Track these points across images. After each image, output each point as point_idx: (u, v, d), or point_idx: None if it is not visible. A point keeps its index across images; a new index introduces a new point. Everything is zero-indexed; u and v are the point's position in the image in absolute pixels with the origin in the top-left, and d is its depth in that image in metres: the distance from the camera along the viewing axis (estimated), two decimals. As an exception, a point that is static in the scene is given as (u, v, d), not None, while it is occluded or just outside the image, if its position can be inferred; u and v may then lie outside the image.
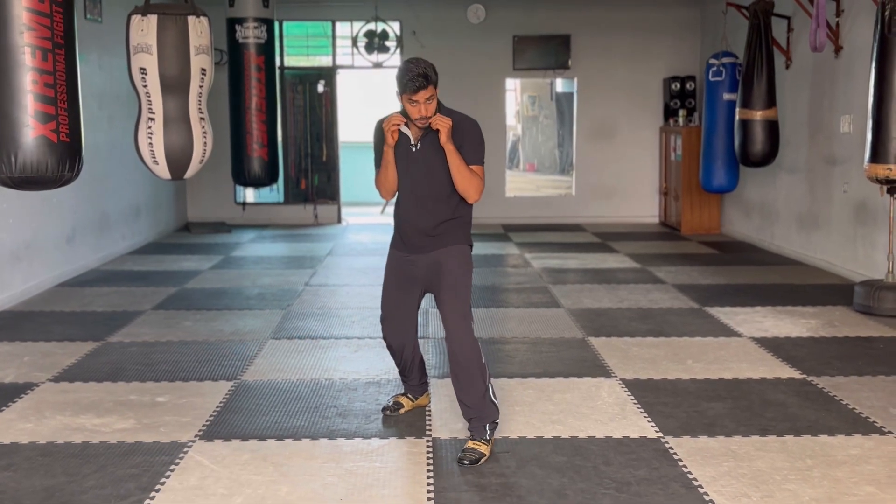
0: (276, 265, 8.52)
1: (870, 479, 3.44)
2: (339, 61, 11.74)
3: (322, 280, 7.72)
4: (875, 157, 5.85)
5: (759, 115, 7.96)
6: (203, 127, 4.90)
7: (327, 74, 11.71)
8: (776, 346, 5.38)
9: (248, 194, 11.72)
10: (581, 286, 7.31)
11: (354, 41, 11.48)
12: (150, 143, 4.79)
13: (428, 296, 3.99)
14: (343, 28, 11.59)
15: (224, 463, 3.62)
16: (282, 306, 6.61)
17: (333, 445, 3.82)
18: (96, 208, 8.34)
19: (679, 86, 11.21)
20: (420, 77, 3.54)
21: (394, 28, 11.47)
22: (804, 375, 4.80)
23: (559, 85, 14.63)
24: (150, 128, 4.78)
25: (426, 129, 3.70)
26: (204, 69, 4.81)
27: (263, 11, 7.22)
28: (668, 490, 3.34)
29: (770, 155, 8.08)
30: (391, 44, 11.43)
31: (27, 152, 3.98)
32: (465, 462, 3.58)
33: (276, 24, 7.82)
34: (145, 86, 4.71)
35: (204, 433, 3.95)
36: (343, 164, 11.94)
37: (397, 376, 4.53)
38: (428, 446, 3.80)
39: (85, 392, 4.55)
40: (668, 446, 3.78)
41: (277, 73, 7.75)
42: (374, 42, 11.40)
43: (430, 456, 3.70)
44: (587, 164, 11.79)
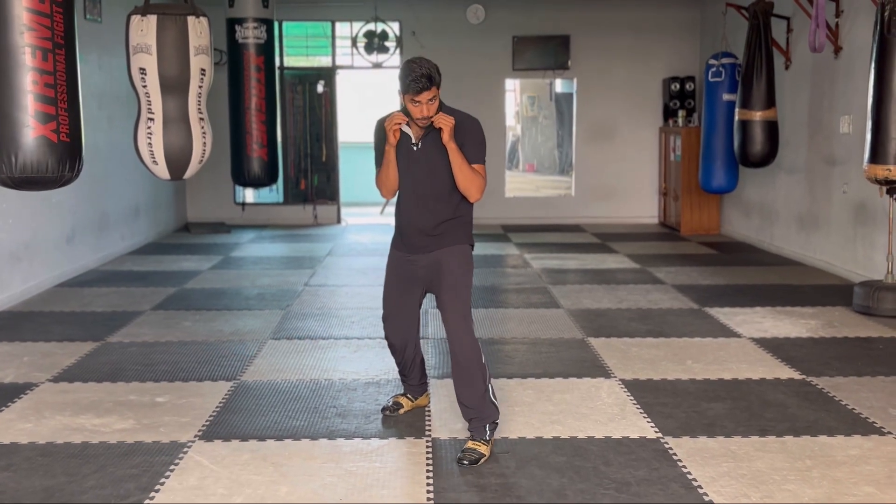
0: (275, 265, 8.52)
1: (869, 479, 3.44)
2: (338, 62, 11.74)
3: (321, 280, 7.72)
4: (874, 158, 5.85)
5: (758, 115, 7.96)
6: (202, 127, 4.91)
7: (327, 75, 11.71)
8: (776, 347, 5.38)
9: (248, 194, 11.72)
10: (580, 287, 7.32)
11: (354, 41, 11.48)
12: (150, 144, 4.80)
13: (428, 296, 3.99)
14: (343, 28, 11.59)
15: (224, 463, 3.62)
16: (281, 307, 6.61)
17: (333, 446, 3.82)
18: (96, 208, 8.34)
19: (678, 86, 11.21)
20: (423, 78, 3.53)
21: (393, 28, 11.47)
22: (804, 376, 4.80)
23: (558, 85, 14.64)
24: (149, 128, 4.78)
25: (428, 128, 3.69)
26: (203, 69, 4.81)
27: (263, 12, 7.22)
28: (667, 490, 3.34)
29: (769, 155, 8.08)
30: (391, 44, 11.43)
31: (27, 152, 3.98)
32: (465, 462, 3.58)
33: (275, 25, 7.82)
34: (145, 86, 4.71)
35: (203, 433, 3.95)
36: (342, 165, 11.94)
37: (397, 377, 4.53)
38: (427, 447, 3.81)
39: (84, 392, 4.55)
40: (667, 447, 3.78)
41: (277, 73, 7.76)
42: (374, 42, 11.40)
43: (430, 456, 3.70)
44: (587, 164, 11.79)
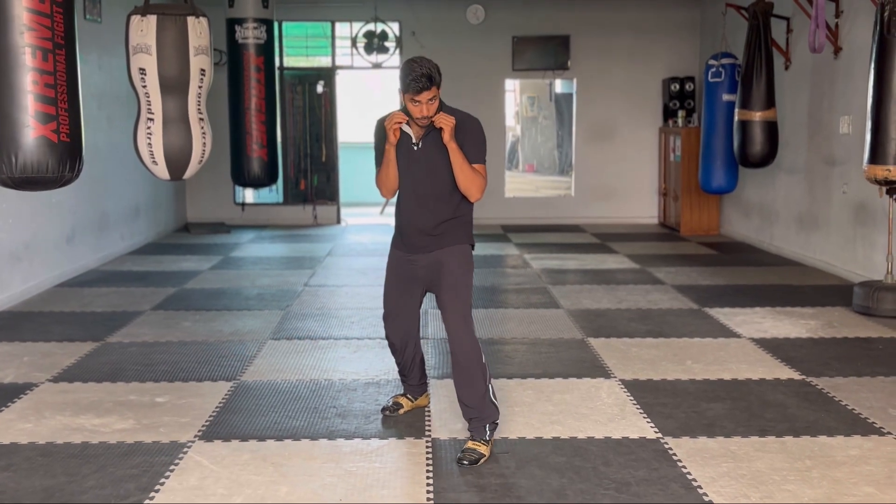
0: (275, 266, 8.52)
1: (869, 479, 3.44)
2: (338, 62, 11.74)
3: (321, 280, 7.72)
4: (874, 158, 5.85)
5: (758, 115, 7.96)
6: (202, 127, 4.91)
7: (326, 75, 11.71)
8: (775, 347, 5.38)
9: (248, 195, 11.72)
10: (580, 287, 7.32)
11: (354, 42, 11.48)
12: (150, 144, 4.80)
13: (429, 295, 3.99)
14: (342, 28, 11.59)
15: (223, 463, 3.62)
16: (281, 307, 6.61)
17: (333, 446, 3.82)
18: (96, 208, 8.34)
19: (678, 86, 11.21)
20: (424, 78, 3.53)
21: (393, 29, 11.47)
22: (803, 376, 4.80)
23: (558, 86, 14.64)
24: (149, 128, 4.78)
25: (428, 128, 3.69)
26: (203, 69, 4.81)
27: (263, 12, 7.23)
28: (667, 491, 3.34)
29: (769, 156, 8.08)
30: (390, 44, 11.43)
31: (28, 153, 3.98)
32: (465, 462, 3.58)
33: (275, 25, 7.83)
34: (144, 86, 4.72)
35: (203, 433, 3.95)
36: (342, 165, 11.94)
37: (397, 377, 4.53)
38: (427, 447, 3.81)
39: (84, 392, 4.55)
40: (667, 447, 3.78)
41: (277, 73, 7.76)
42: (374, 43, 11.40)
43: (430, 456, 3.70)
44: (586, 164, 11.79)
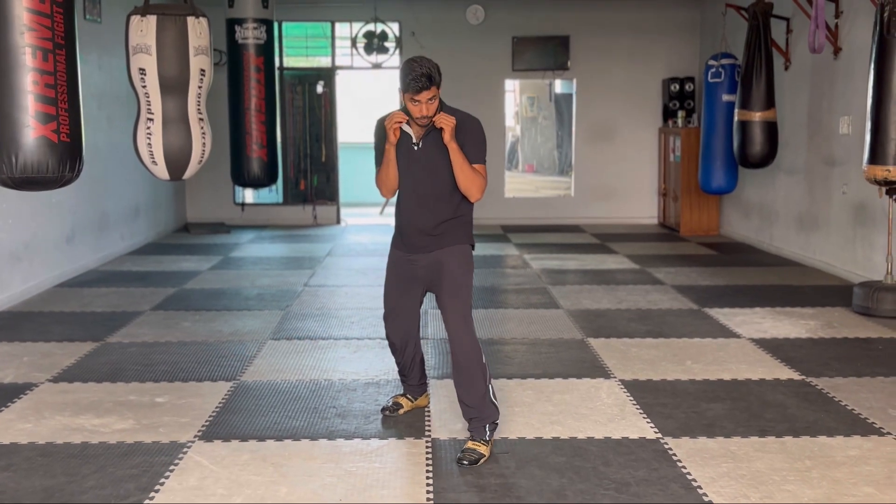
0: (275, 266, 8.52)
1: (868, 479, 3.45)
2: (338, 62, 11.74)
3: (321, 281, 7.72)
4: (874, 159, 5.86)
5: (758, 116, 7.96)
6: (202, 127, 4.91)
7: (326, 75, 11.71)
8: (775, 347, 5.38)
9: (248, 195, 11.72)
10: (580, 287, 7.32)
11: (353, 42, 11.48)
12: (149, 144, 4.80)
13: (429, 295, 3.99)
14: (342, 29, 11.60)
15: (223, 463, 3.62)
16: (281, 307, 6.61)
17: (333, 446, 3.82)
18: (96, 208, 8.34)
19: (678, 87, 11.21)
20: (424, 77, 3.53)
21: (393, 29, 11.47)
22: (803, 376, 4.80)
23: (558, 86, 14.64)
24: (149, 128, 4.78)
25: (428, 128, 3.69)
26: (203, 70, 4.81)
27: (263, 12, 7.23)
28: (667, 491, 3.34)
29: (769, 156, 8.08)
30: (390, 45, 11.43)
31: (28, 153, 3.98)
32: (465, 462, 3.58)
33: (275, 25, 7.83)
34: (144, 86, 4.72)
35: (203, 434, 3.96)
36: (342, 165, 11.94)
37: (396, 377, 4.53)
38: (427, 447, 3.81)
39: (84, 392, 4.55)
40: (667, 447, 3.78)
41: (277, 73, 7.76)
42: (374, 43, 11.40)
43: (430, 456, 3.70)
44: (586, 165, 11.80)
